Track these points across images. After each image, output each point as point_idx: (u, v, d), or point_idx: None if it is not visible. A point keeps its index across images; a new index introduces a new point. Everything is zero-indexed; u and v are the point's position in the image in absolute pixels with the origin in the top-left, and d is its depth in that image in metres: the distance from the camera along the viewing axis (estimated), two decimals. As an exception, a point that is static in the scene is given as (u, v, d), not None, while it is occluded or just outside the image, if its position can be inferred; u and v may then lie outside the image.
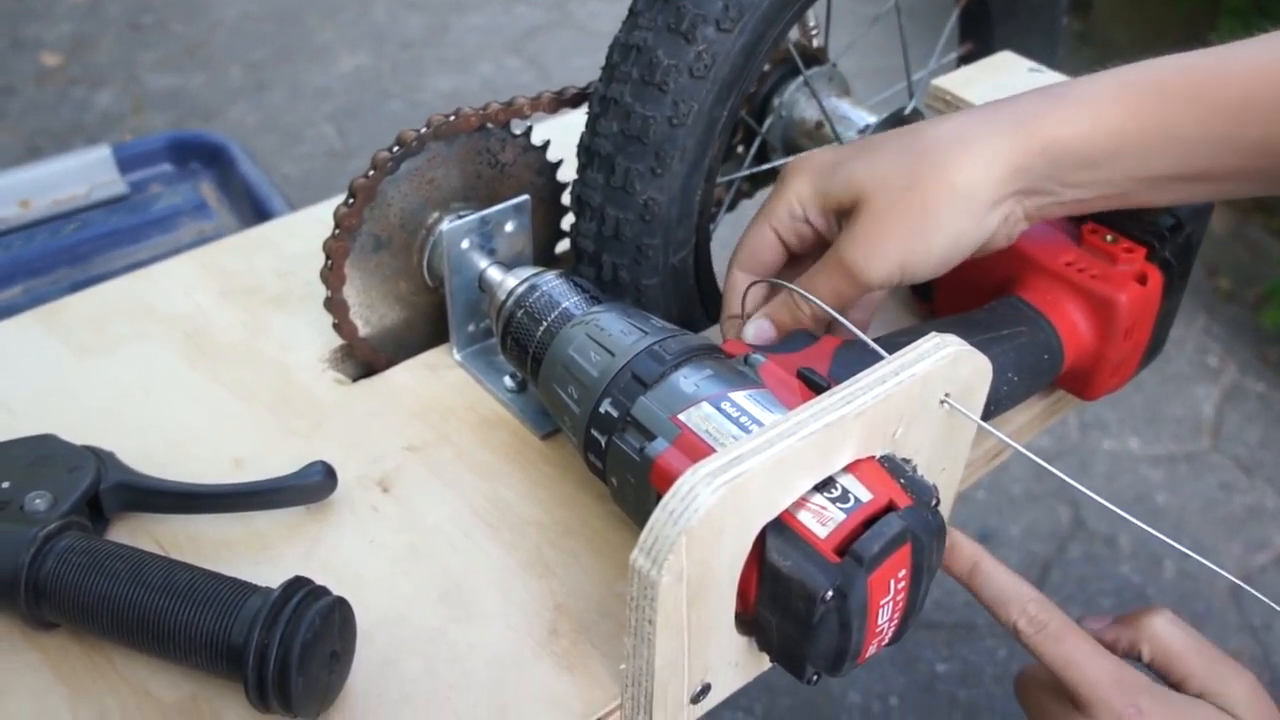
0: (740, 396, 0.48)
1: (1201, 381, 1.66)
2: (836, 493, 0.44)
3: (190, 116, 2.25)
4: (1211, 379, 1.66)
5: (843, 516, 0.43)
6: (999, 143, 0.51)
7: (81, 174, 0.89)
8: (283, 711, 0.43)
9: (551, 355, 0.53)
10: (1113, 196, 0.52)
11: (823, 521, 0.43)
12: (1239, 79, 0.49)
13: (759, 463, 0.40)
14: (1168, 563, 1.39)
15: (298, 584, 0.44)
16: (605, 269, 0.61)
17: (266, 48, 2.48)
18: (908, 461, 0.47)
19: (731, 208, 0.78)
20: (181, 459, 0.57)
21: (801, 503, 0.44)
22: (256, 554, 0.52)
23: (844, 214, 0.54)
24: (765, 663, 0.49)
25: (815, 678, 0.46)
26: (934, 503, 0.45)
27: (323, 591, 0.45)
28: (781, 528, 0.43)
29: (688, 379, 0.49)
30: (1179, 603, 1.34)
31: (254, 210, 0.85)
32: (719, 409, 0.47)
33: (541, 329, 0.55)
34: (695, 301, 0.65)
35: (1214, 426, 1.58)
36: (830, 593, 0.41)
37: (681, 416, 0.47)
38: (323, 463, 0.54)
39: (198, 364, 0.64)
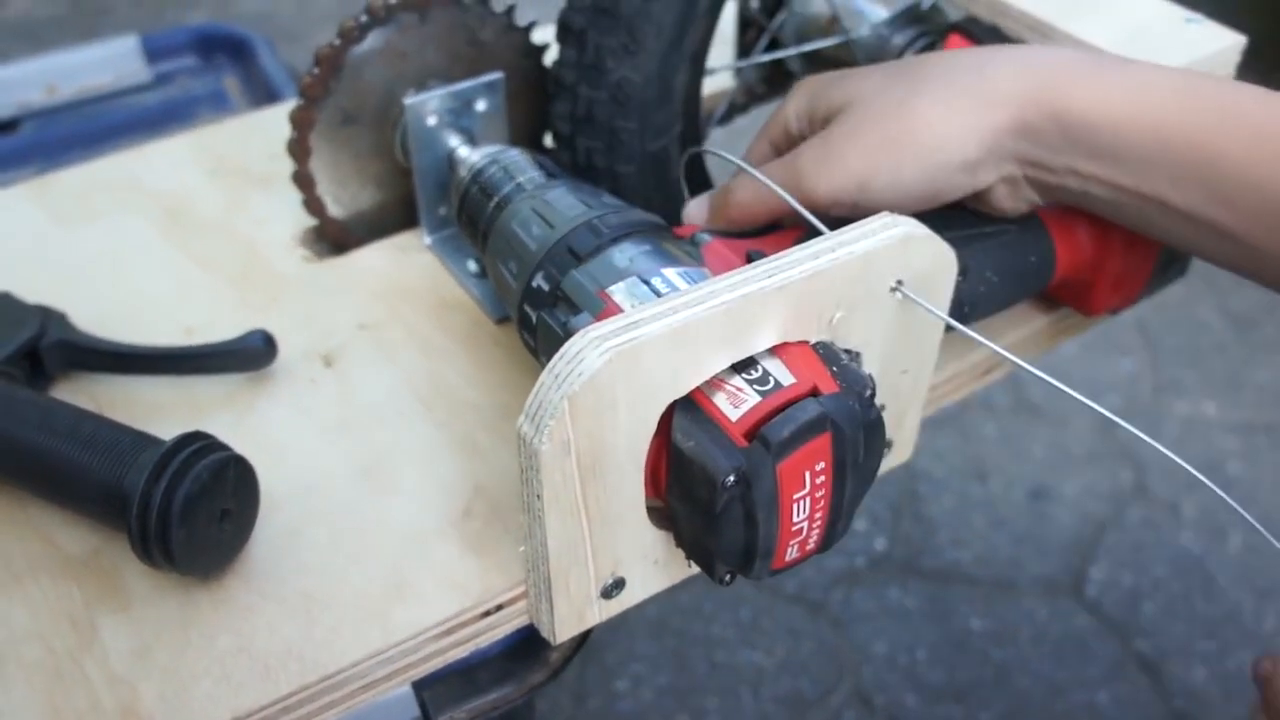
0: (673, 273, 0.44)
1: (1294, 350, 1.55)
2: (756, 374, 0.40)
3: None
4: (1306, 348, 1.55)
5: (758, 399, 0.39)
6: (1012, 85, 0.45)
7: (108, 63, 0.89)
8: (165, 565, 0.42)
9: (497, 230, 0.51)
10: (1109, 202, 0.46)
11: (736, 404, 0.40)
12: None
13: (656, 330, 0.37)
14: (1233, 535, 1.30)
15: (193, 438, 0.43)
16: (579, 153, 0.58)
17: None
18: (849, 352, 0.44)
19: (744, 109, 0.74)
20: (135, 325, 0.56)
21: (718, 383, 0.40)
22: (188, 418, 0.51)
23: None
24: (691, 565, 0.46)
25: (728, 577, 0.43)
26: (867, 394, 0.41)
27: (218, 447, 0.43)
28: (689, 406, 0.40)
29: (623, 254, 0.46)
30: (1241, 579, 1.26)
31: (270, 102, 0.84)
32: (647, 283, 0.44)
33: (492, 204, 0.52)
34: (683, 196, 0.61)
35: (1302, 397, 1.48)
36: (733, 478, 0.38)
37: (609, 290, 0.44)
38: (262, 331, 0.52)
39: (171, 237, 0.63)
